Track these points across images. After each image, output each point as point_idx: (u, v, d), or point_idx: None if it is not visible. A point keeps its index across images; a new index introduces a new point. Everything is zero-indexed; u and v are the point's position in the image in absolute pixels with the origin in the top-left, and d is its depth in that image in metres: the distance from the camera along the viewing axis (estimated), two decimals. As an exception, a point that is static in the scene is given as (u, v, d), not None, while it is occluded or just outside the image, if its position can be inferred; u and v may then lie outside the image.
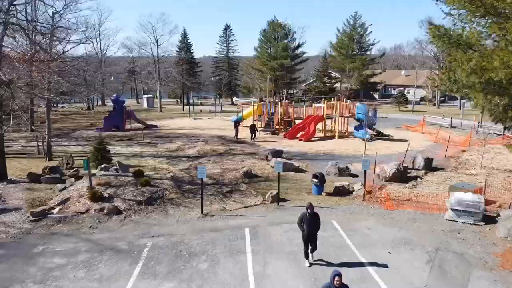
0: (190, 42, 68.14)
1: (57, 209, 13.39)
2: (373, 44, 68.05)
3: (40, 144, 23.62)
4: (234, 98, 72.66)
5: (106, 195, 14.03)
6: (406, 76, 73.66)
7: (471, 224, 12.43)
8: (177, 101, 71.69)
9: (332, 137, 29.64)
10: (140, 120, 35.13)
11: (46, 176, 16.90)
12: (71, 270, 9.57)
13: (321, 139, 29.14)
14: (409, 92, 64.21)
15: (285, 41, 62.14)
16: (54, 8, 18.81)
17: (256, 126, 29.58)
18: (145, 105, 60.21)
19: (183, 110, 53.98)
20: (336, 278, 6.60)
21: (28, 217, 12.86)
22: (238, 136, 28.91)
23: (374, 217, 13.21)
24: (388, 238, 11.39)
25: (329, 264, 9.71)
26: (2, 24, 16.15)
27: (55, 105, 49.05)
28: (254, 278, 9.14)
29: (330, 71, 67.41)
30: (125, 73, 76.24)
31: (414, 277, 9.20)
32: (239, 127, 29.57)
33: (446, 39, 10.52)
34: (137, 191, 14.85)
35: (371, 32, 67.29)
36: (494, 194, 15.44)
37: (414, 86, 60.78)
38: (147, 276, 9.24)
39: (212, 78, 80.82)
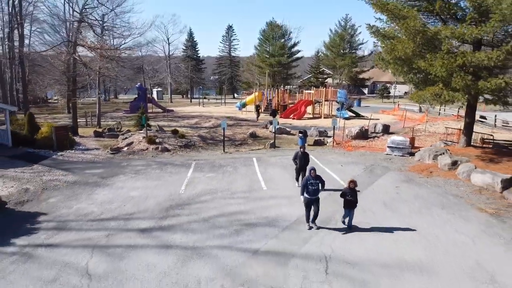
0: (195, 41, 74.74)
1: (125, 148, 19.92)
2: (362, 43, 74.85)
3: (89, 118, 30.19)
4: (235, 95, 79.15)
5: (158, 141, 20.56)
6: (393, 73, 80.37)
7: (400, 156, 19.00)
8: (182, 95, 78.29)
9: (319, 117, 36.23)
10: (160, 105, 41.59)
11: (107, 133, 23.43)
12: (151, 170, 16.09)
13: (309, 118, 35.73)
14: (395, 88, 70.99)
15: (282, 40, 68.64)
16: (109, 10, 25.04)
17: (277, 111, 35.11)
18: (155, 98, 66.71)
19: (191, 102, 60.58)
20: (312, 171, 9.68)
21: (108, 151, 19.41)
22: (258, 119, 34.34)
23: (337, 154, 19.80)
24: (343, 161, 17.96)
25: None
26: (77, 22, 22.72)
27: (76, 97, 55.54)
28: (260, 172, 15.68)
29: (323, 68, 73.99)
30: (134, 69, 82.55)
31: (352, 173, 15.72)
32: (260, 111, 35.07)
33: (378, 34, 17.11)
34: (176, 141, 21.39)
35: (360, 32, 74.04)
36: (425, 144, 22.11)
37: (399, 82, 67.50)
38: (197, 171, 15.78)
39: (212, 77, 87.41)
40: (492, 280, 7.64)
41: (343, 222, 10.01)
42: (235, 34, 77.53)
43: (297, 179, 13.61)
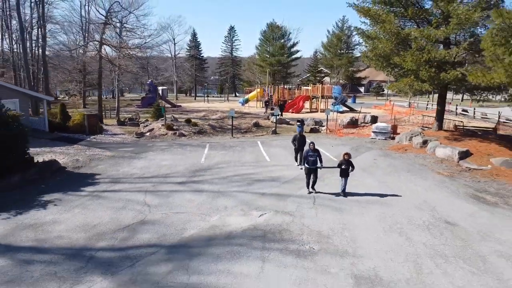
0: (199, 41, 77.94)
1: (148, 133, 23.13)
2: (359, 44, 77.83)
3: (107, 111, 33.37)
4: (236, 93, 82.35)
5: (175, 127, 23.77)
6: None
7: (383, 139, 22.22)
8: (185, 93, 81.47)
9: (316, 111, 39.43)
10: (169, 101, 44.79)
11: (129, 122, 26.64)
12: (173, 149, 19.28)
13: (307, 112, 38.95)
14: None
15: (282, 40, 71.77)
16: (128, 13, 28.17)
17: (284, 105, 38.28)
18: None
19: (195, 99, 63.73)
20: (311, 144, 11.95)
21: (133, 135, 22.61)
22: (266, 112, 37.57)
23: (330, 139, 23.02)
24: (334, 143, 21.18)
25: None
26: (103, 23, 25.92)
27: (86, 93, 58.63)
28: (264, 151, 18.89)
29: (321, 68, 77.19)
30: (139, 68, 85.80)
31: (341, 151, 18.90)
32: (268, 106, 38.49)
33: (363, 35, 20.33)
34: (190, 128, 24.59)
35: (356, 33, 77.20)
36: (407, 130, 25.30)
37: (392, 81, 70.81)
38: (212, 150, 18.99)
39: (212, 77, 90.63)
40: (433, 210, 10.83)
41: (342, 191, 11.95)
42: (236, 35, 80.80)
43: (295, 158, 16.16)
